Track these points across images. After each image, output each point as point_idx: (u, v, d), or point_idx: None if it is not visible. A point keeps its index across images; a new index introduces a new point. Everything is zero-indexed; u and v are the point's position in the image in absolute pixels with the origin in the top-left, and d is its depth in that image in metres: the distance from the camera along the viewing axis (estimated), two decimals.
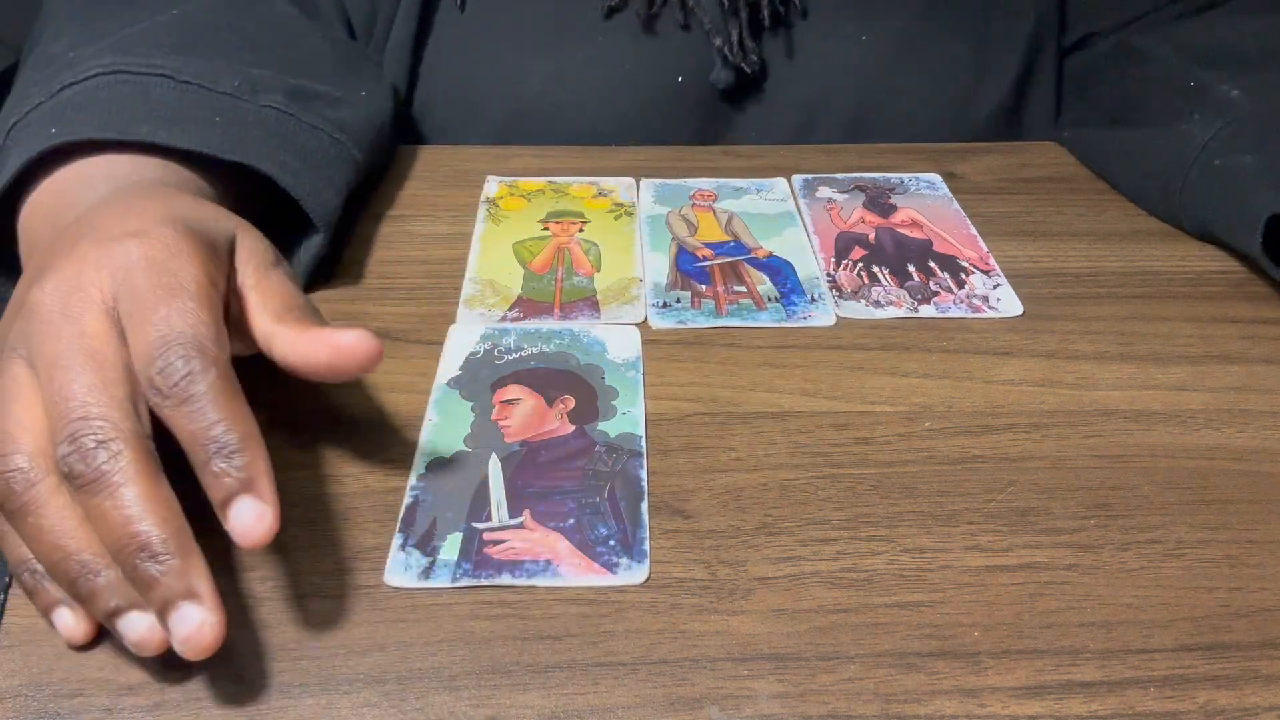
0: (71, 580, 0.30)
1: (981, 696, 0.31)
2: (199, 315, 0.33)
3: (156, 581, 0.29)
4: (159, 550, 0.30)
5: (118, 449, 0.30)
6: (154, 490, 0.30)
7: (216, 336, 0.33)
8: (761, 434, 0.41)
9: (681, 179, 0.60)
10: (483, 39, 0.63)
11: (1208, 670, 0.32)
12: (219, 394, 0.31)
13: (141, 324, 0.32)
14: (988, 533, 0.36)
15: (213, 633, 0.29)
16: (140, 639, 0.30)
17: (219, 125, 0.47)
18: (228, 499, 0.31)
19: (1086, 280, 0.51)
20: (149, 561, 0.29)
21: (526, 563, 0.35)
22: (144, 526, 0.30)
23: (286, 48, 0.56)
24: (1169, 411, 0.42)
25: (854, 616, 0.33)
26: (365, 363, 0.35)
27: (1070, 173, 0.62)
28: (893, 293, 0.49)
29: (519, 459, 0.39)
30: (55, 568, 0.31)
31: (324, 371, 0.35)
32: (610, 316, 0.48)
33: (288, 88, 0.52)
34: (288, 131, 0.50)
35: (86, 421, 0.30)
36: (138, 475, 0.30)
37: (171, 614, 0.29)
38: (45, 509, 0.31)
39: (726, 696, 0.31)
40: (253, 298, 0.37)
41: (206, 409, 0.31)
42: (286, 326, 0.36)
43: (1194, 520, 0.37)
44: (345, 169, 0.51)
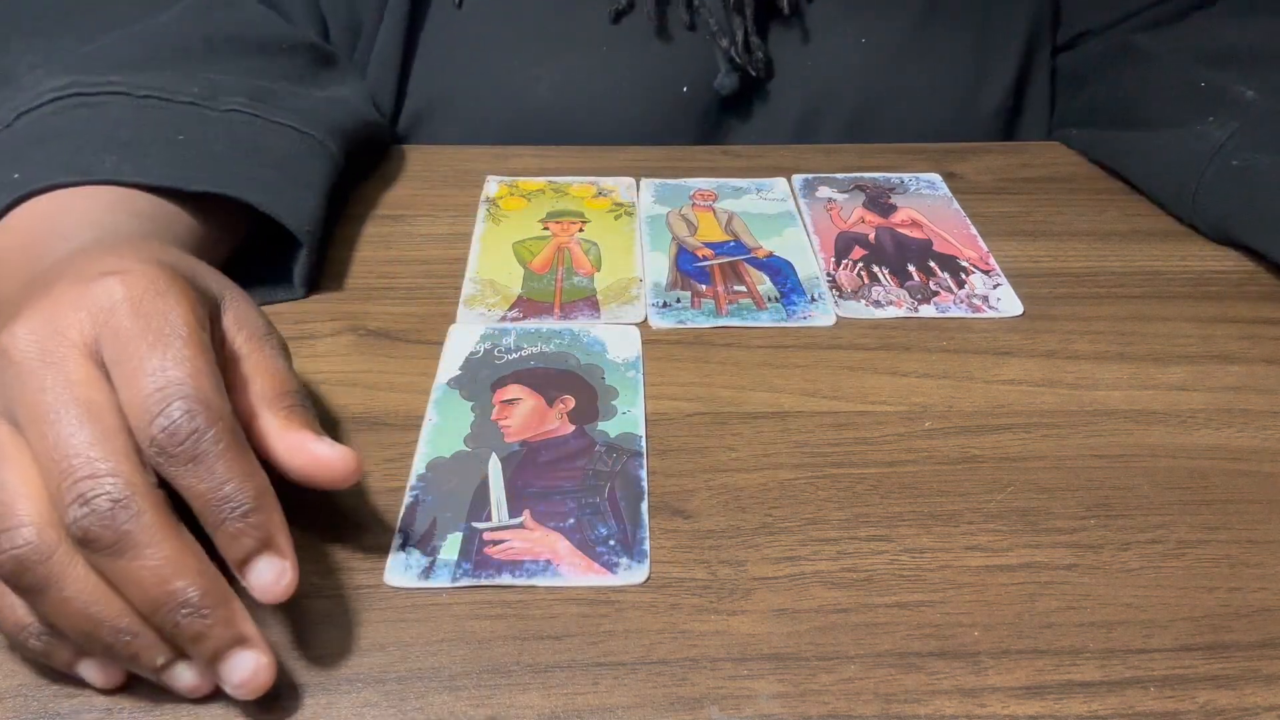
0: (108, 646, 0.29)
1: (981, 696, 0.31)
2: (196, 364, 0.30)
3: (204, 636, 0.29)
4: (200, 604, 0.29)
5: (137, 507, 0.28)
6: (181, 543, 0.29)
7: (217, 386, 0.31)
8: (761, 434, 0.41)
9: (681, 179, 0.60)
10: (483, 45, 0.63)
11: (1208, 670, 0.32)
12: (227, 450, 0.30)
13: (134, 374, 0.30)
14: (988, 533, 0.36)
15: (268, 674, 0.29)
16: (193, 687, 0.30)
17: (183, 145, 0.45)
18: (247, 559, 0.30)
19: (1086, 280, 0.51)
20: (192, 617, 0.29)
21: (526, 563, 0.35)
22: (180, 584, 0.28)
23: (251, 50, 0.55)
24: (1169, 411, 0.42)
25: (854, 616, 0.33)
26: (340, 481, 0.33)
27: (1070, 173, 0.62)
28: (893, 292, 0.49)
29: (519, 459, 0.39)
30: (88, 637, 0.29)
31: (293, 475, 0.33)
32: (610, 316, 0.48)
33: (250, 89, 0.51)
34: (255, 135, 0.48)
35: (97, 480, 0.28)
36: (162, 531, 0.29)
37: (224, 663, 0.29)
38: (65, 580, 0.29)
39: (726, 696, 0.31)
40: (244, 369, 0.34)
41: (217, 467, 0.29)
42: (274, 415, 0.33)
43: (1194, 520, 0.37)
44: (321, 165, 0.50)
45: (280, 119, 0.50)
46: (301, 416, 0.34)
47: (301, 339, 0.46)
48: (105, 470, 0.29)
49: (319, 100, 0.55)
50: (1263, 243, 0.50)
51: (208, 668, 0.29)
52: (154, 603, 0.29)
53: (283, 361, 0.35)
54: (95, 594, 0.29)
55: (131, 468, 0.29)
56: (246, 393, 0.34)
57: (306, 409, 0.34)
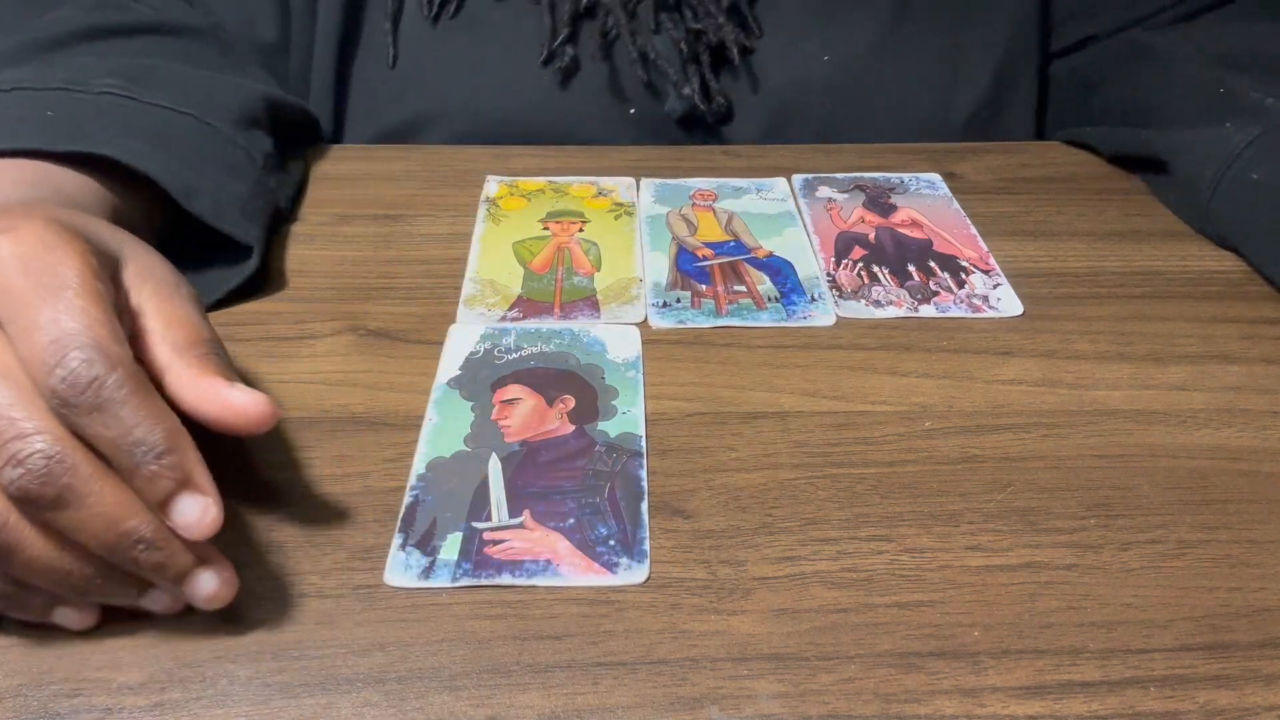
0: (82, 592, 0.31)
1: (981, 696, 0.31)
2: (90, 313, 0.30)
3: (165, 565, 0.31)
4: (154, 538, 0.30)
5: (71, 460, 0.29)
6: (118, 484, 0.30)
7: (114, 334, 0.30)
8: (761, 434, 0.41)
9: (681, 179, 0.60)
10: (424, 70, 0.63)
11: (1208, 670, 0.32)
12: (131, 394, 0.30)
13: (28, 329, 0.30)
14: (988, 533, 0.36)
15: (230, 587, 0.32)
16: (168, 607, 0.32)
17: (51, 119, 0.44)
18: (167, 499, 0.30)
19: (1086, 280, 0.51)
20: (149, 550, 0.30)
21: (526, 563, 0.35)
22: (131, 523, 0.30)
23: (131, 35, 0.55)
24: (1169, 411, 0.42)
25: (854, 616, 0.33)
26: (253, 427, 0.33)
27: (1070, 173, 0.62)
28: (893, 292, 0.49)
29: (519, 459, 0.39)
30: (60, 587, 0.31)
31: (208, 422, 0.33)
32: (610, 316, 0.48)
33: (126, 69, 0.49)
34: (126, 114, 0.47)
35: (25, 440, 0.29)
36: (98, 478, 0.29)
37: (189, 584, 0.31)
38: (24, 544, 0.30)
39: (726, 696, 0.31)
40: (151, 323, 0.34)
41: (123, 413, 0.29)
42: (186, 364, 0.33)
43: (1194, 520, 0.37)
44: (207, 143, 0.49)
45: (154, 99, 0.48)
46: (214, 363, 0.34)
47: (301, 339, 0.46)
48: (31, 429, 0.29)
49: (203, 79, 0.53)
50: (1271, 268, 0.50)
51: (175, 590, 0.31)
52: (109, 546, 0.30)
53: (193, 310, 0.35)
54: (55, 549, 0.30)
55: (55, 422, 0.29)
56: (159, 343, 0.33)
57: (219, 356, 0.34)
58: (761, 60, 0.63)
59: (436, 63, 0.63)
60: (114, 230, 0.36)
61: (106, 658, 0.32)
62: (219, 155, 0.49)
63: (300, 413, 0.41)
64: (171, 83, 0.51)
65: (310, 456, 0.39)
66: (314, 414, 0.41)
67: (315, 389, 0.43)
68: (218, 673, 0.31)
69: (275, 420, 0.33)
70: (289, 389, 0.43)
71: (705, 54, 0.61)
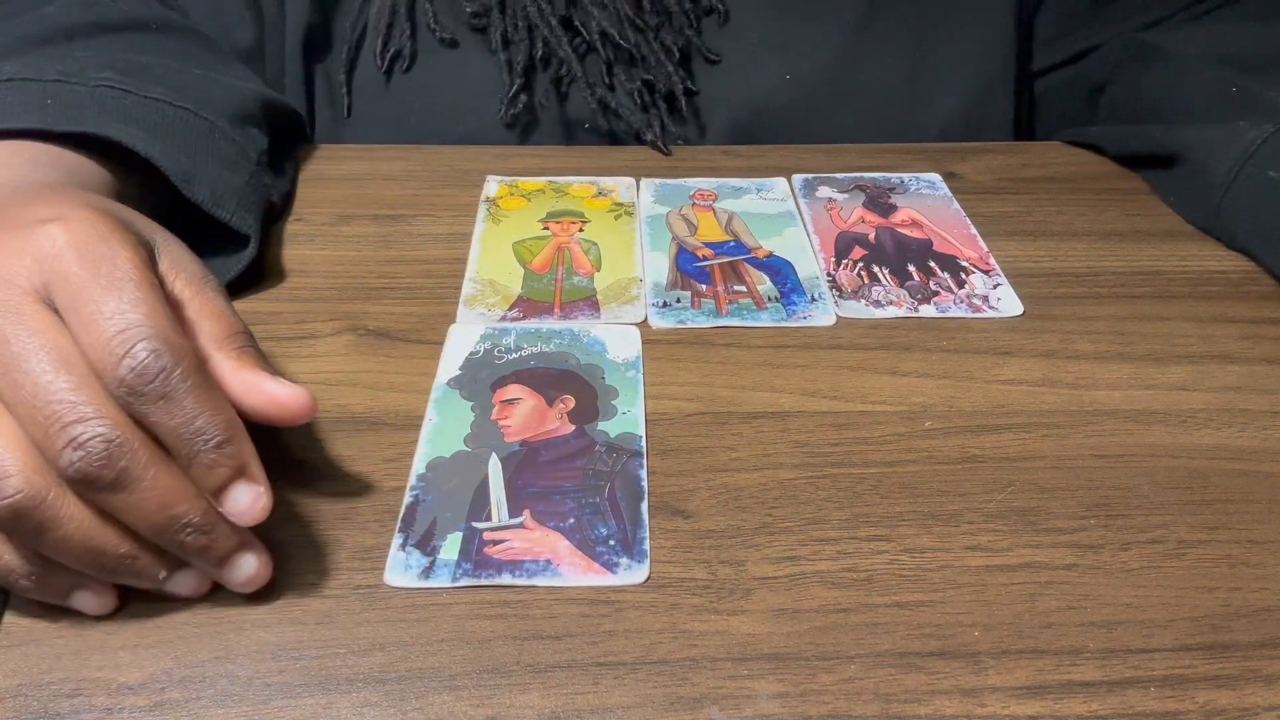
0: (111, 570, 0.32)
1: (981, 696, 0.31)
2: (152, 304, 0.31)
3: (210, 548, 0.32)
4: (203, 523, 0.31)
5: (130, 444, 0.30)
6: (173, 469, 0.31)
7: (175, 325, 0.32)
8: (761, 434, 0.41)
9: (681, 179, 0.60)
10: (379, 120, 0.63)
11: (1208, 670, 0.32)
12: (195, 385, 0.31)
13: (92, 319, 0.31)
14: (988, 533, 0.36)
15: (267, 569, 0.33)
16: (194, 589, 0.33)
17: (50, 107, 0.45)
18: (222, 487, 0.31)
19: (1086, 280, 0.51)
20: (196, 534, 0.31)
21: (526, 562, 0.35)
22: (183, 508, 0.31)
23: (127, 30, 0.55)
24: (1169, 411, 0.42)
25: (854, 616, 0.33)
26: (295, 418, 0.34)
27: (1070, 173, 0.62)
28: (893, 292, 0.49)
29: (519, 459, 0.39)
30: (91, 566, 0.31)
31: (250, 414, 0.34)
32: (610, 316, 0.48)
33: (124, 64, 0.50)
34: (124, 107, 0.47)
35: (86, 424, 0.29)
36: (155, 463, 0.30)
37: (229, 567, 0.33)
38: (61, 520, 0.30)
39: (726, 696, 0.31)
40: (188, 313, 0.35)
41: (186, 403, 0.30)
42: (225, 356, 0.34)
43: (1194, 520, 0.37)
44: (203, 136, 0.49)
45: (150, 93, 0.48)
46: (253, 356, 0.35)
47: (301, 339, 0.46)
48: (91, 413, 0.30)
49: (199, 77, 0.54)
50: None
51: (214, 572, 0.33)
52: (158, 528, 0.31)
53: (224, 302, 0.36)
54: (93, 527, 0.31)
55: (115, 408, 0.30)
56: (195, 335, 0.34)
57: (255, 349, 0.36)
58: (724, 80, 0.63)
59: (392, 111, 0.64)
60: (145, 220, 0.37)
61: (106, 658, 0.32)
62: (215, 148, 0.49)
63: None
64: (167, 78, 0.51)
65: (310, 456, 0.39)
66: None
67: (315, 389, 0.42)
68: (218, 673, 0.31)
69: (315, 412, 0.34)
70: None
71: (661, 102, 0.62)
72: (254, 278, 0.49)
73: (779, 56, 0.63)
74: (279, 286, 0.49)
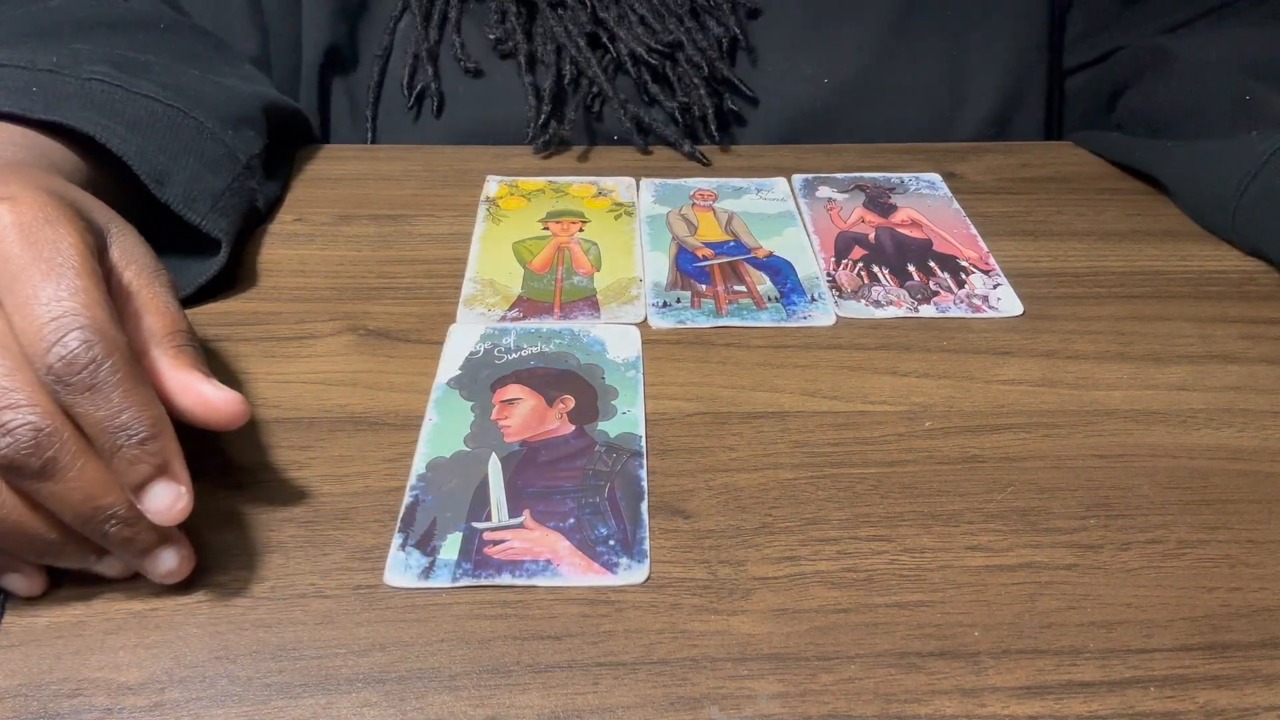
0: (39, 555, 0.32)
1: (981, 696, 0.31)
2: (91, 294, 0.31)
3: (132, 540, 0.32)
4: (127, 515, 0.31)
5: (60, 435, 0.30)
6: (99, 462, 0.31)
7: (112, 316, 0.31)
8: (761, 434, 0.41)
9: (681, 179, 0.60)
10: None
11: (1208, 670, 0.32)
12: (124, 379, 0.30)
13: (28, 303, 0.30)
14: (988, 533, 0.36)
15: (188, 564, 0.33)
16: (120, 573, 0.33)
17: (35, 94, 0.45)
18: (143, 484, 0.31)
19: (1086, 280, 0.51)
20: (120, 526, 0.31)
21: (526, 563, 0.35)
22: (107, 500, 0.31)
23: (130, 27, 0.55)
24: (1169, 411, 0.42)
25: (854, 616, 0.33)
26: (225, 423, 0.34)
27: (1070, 173, 0.62)
28: (893, 292, 0.49)
29: (519, 459, 0.39)
30: (19, 550, 0.32)
31: (181, 414, 0.34)
32: (610, 316, 0.48)
33: (118, 59, 0.49)
34: (113, 102, 0.47)
35: (16, 410, 0.29)
36: (82, 454, 0.30)
37: (150, 560, 0.33)
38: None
39: (726, 696, 0.31)
40: (133, 305, 0.34)
41: (114, 396, 0.30)
42: (164, 353, 0.34)
43: (1194, 520, 0.37)
44: (189, 136, 0.49)
45: (141, 90, 0.48)
46: (190, 356, 0.35)
47: (301, 339, 0.46)
48: (23, 400, 0.30)
49: (197, 78, 0.53)
50: None
51: (136, 563, 0.33)
52: (83, 518, 0.31)
53: (171, 299, 0.36)
54: (22, 513, 0.31)
55: (46, 396, 0.30)
56: (136, 329, 0.34)
57: (195, 348, 0.35)
58: (760, 85, 0.63)
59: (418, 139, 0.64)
60: (102, 208, 0.37)
61: (106, 658, 0.32)
62: (199, 149, 0.49)
63: (300, 413, 0.41)
64: (163, 77, 0.51)
65: (310, 456, 0.39)
66: (314, 414, 0.41)
67: (315, 389, 0.43)
68: (218, 673, 0.31)
69: (246, 418, 0.34)
70: (289, 389, 0.43)
71: (698, 122, 0.62)
72: (253, 278, 0.49)
73: (814, 59, 0.63)
74: (279, 286, 0.49)
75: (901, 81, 0.64)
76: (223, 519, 0.36)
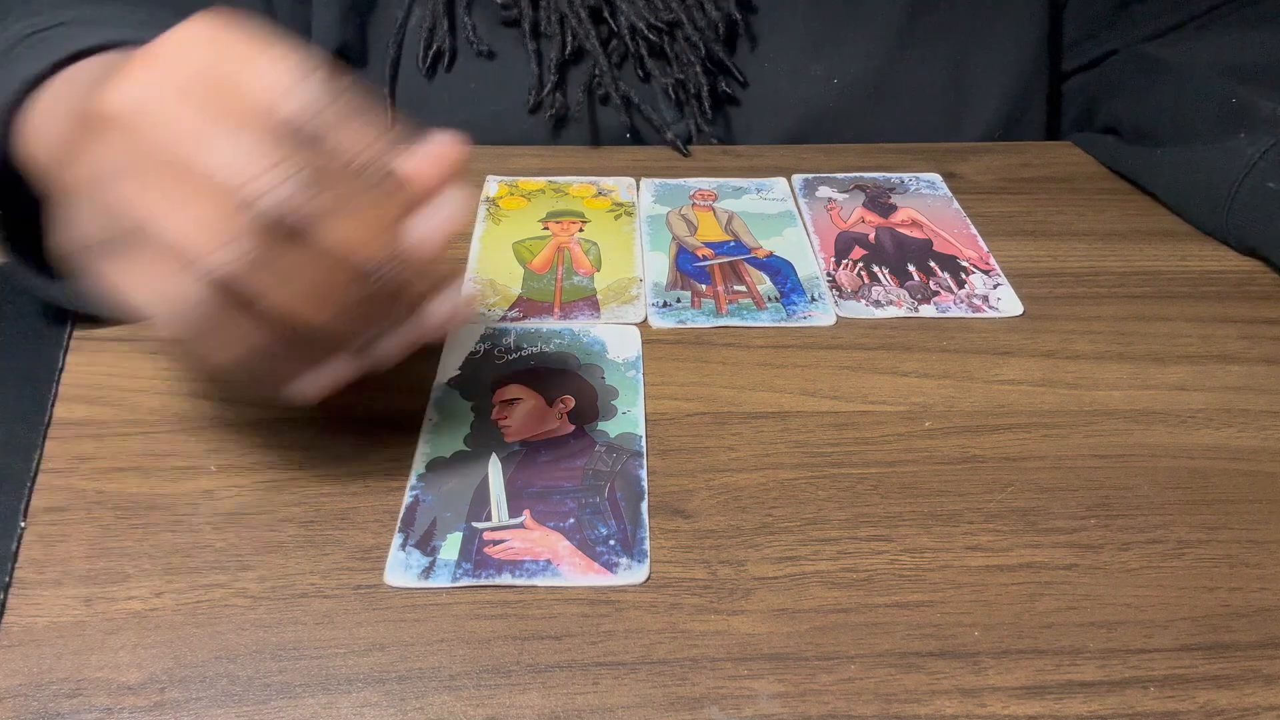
0: (339, 329, 0.32)
1: (981, 696, 0.31)
2: (297, 57, 0.31)
3: (403, 289, 0.32)
4: (395, 257, 0.31)
5: (321, 178, 0.30)
6: (356, 216, 0.31)
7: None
8: (761, 434, 0.41)
9: (681, 179, 0.60)
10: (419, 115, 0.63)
11: (1208, 670, 0.32)
12: (359, 112, 0.31)
13: (262, 70, 0.31)
14: (988, 533, 0.36)
15: (450, 217, 0.33)
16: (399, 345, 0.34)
17: (145, 23, 0.45)
18: (401, 216, 0.32)
19: (1086, 280, 0.51)
20: (391, 269, 0.31)
21: (526, 562, 0.35)
22: (374, 244, 0.31)
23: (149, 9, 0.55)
24: (1169, 411, 0.42)
25: (854, 616, 0.33)
26: (455, 164, 0.34)
27: (1070, 173, 0.62)
28: (893, 292, 0.49)
29: (519, 459, 0.39)
30: (324, 316, 0.31)
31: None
32: (610, 316, 0.48)
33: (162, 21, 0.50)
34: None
35: (272, 170, 0.29)
36: (343, 201, 0.30)
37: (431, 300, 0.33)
38: (288, 271, 0.30)
39: (726, 696, 0.31)
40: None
41: (359, 127, 0.31)
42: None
43: (1194, 520, 0.37)
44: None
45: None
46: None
47: None
48: (276, 160, 0.29)
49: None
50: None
51: (408, 325, 0.33)
52: (351, 272, 0.31)
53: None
54: (316, 272, 0.30)
55: (291, 151, 0.30)
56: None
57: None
58: (768, 86, 0.64)
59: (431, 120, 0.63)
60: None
61: (106, 658, 0.32)
62: None
63: (300, 413, 0.41)
64: None
65: (310, 456, 0.39)
66: (314, 414, 0.41)
67: None
68: (218, 673, 0.31)
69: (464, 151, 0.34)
70: None
71: (693, 101, 0.62)
72: None
73: (824, 61, 0.63)
74: None
75: (909, 85, 0.64)
76: (223, 519, 0.36)
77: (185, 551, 0.35)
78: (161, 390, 0.42)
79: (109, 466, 0.39)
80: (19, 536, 0.36)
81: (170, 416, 0.41)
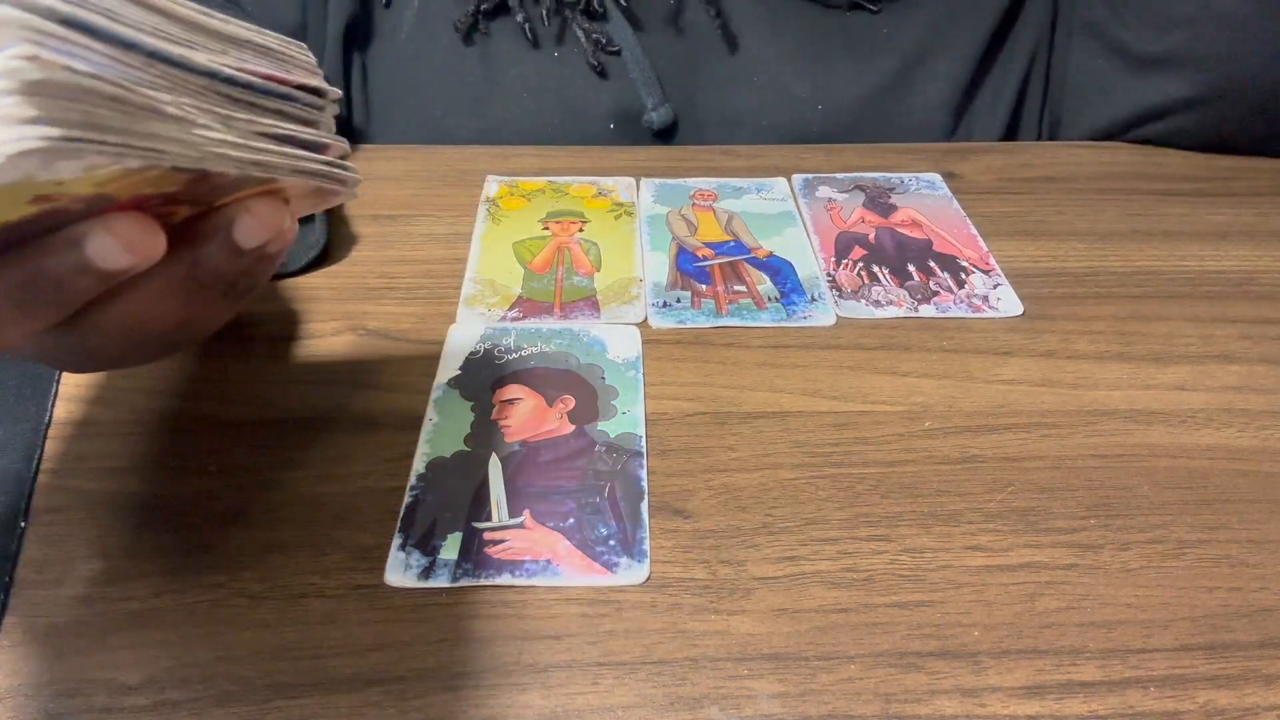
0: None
1: (981, 696, 0.31)
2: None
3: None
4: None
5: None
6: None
7: None
8: (761, 434, 0.41)
9: (681, 179, 0.60)
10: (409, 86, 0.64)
11: (1208, 670, 0.32)
12: None
13: None
14: (988, 533, 0.36)
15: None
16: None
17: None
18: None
19: (1086, 280, 0.51)
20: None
21: (526, 562, 0.35)
22: None
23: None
24: (1169, 411, 0.42)
25: (854, 616, 0.33)
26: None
27: (1070, 173, 0.62)
28: (893, 292, 0.49)
29: (519, 459, 0.39)
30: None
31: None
32: (610, 316, 0.48)
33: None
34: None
35: None
36: None
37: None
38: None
39: (726, 696, 0.31)
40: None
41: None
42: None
43: (1194, 520, 0.37)
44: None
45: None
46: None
47: (301, 339, 0.46)
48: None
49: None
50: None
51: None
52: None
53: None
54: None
55: None
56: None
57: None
58: (755, 108, 0.64)
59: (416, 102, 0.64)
60: None
61: (106, 658, 0.32)
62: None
63: (300, 413, 0.41)
64: None
65: (310, 456, 0.39)
66: (314, 414, 0.41)
67: (315, 389, 0.43)
68: (218, 673, 0.31)
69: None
70: (289, 389, 0.43)
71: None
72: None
73: (810, 84, 0.64)
74: (279, 286, 0.49)
75: (895, 114, 0.65)
76: (223, 519, 0.36)
77: (185, 551, 0.35)
78: (161, 390, 0.42)
79: (109, 466, 0.39)
80: (20, 536, 0.36)
81: (170, 416, 0.41)
